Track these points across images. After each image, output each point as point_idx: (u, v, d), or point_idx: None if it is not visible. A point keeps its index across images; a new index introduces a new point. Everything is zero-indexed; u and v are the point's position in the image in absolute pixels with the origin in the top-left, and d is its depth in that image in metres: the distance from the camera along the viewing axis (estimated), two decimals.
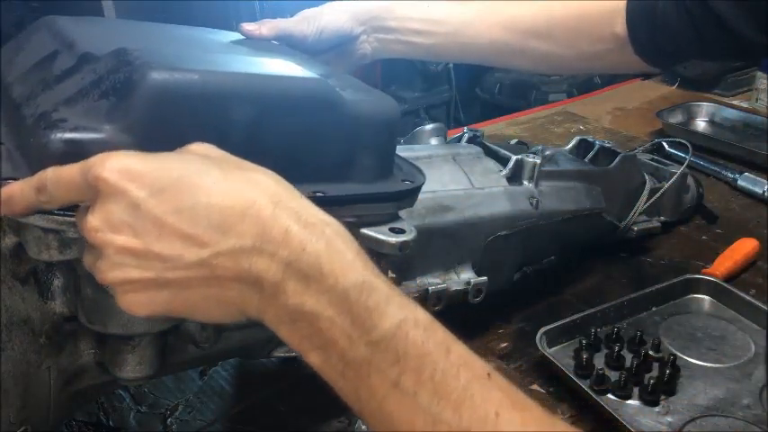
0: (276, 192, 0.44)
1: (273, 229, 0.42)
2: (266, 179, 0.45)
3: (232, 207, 0.42)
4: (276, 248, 0.42)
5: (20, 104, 0.51)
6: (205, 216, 0.42)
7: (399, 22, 0.89)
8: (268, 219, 0.42)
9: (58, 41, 0.58)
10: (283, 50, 0.76)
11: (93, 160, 0.43)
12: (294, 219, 0.43)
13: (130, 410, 0.75)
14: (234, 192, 0.43)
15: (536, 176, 0.87)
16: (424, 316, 0.43)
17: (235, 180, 0.44)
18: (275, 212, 0.42)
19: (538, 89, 2.84)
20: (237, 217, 0.42)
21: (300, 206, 0.44)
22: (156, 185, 0.42)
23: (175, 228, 0.42)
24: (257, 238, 0.42)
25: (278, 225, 0.42)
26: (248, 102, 0.51)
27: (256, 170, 0.45)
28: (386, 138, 0.61)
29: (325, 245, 0.42)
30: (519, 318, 0.91)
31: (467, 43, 0.90)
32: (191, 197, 0.42)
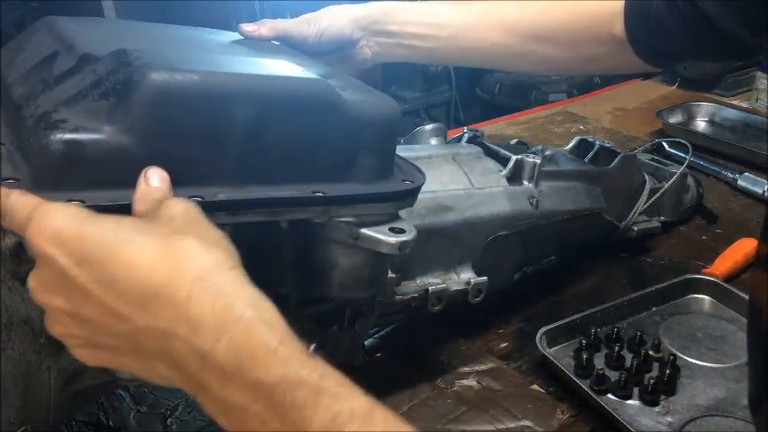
0: (201, 268, 0.41)
1: (187, 314, 0.40)
2: (196, 251, 0.42)
3: (149, 285, 0.41)
4: (190, 336, 0.40)
5: (20, 105, 0.52)
6: (126, 290, 0.41)
7: (400, 26, 0.89)
8: (182, 302, 0.40)
9: (58, 42, 0.58)
10: (284, 50, 0.76)
11: (34, 217, 0.42)
12: (210, 303, 0.40)
13: (130, 410, 0.75)
14: (154, 267, 0.41)
15: (536, 176, 0.87)
16: (360, 404, 0.40)
17: (159, 254, 0.41)
18: (191, 294, 0.40)
19: (538, 89, 2.84)
20: (153, 296, 0.41)
21: (224, 283, 0.41)
22: (80, 254, 0.41)
23: (99, 298, 0.41)
24: (171, 322, 0.40)
25: (191, 310, 0.40)
26: (248, 102, 0.51)
27: (192, 238, 0.43)
28: (386, 138, 0.61)
29: (243, 335, 0.40)
30: (519, 318, 0.91)
31: (468, 47, 0.90)
32: (111, 269, 0.41)
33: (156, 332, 0.41)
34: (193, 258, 0.42)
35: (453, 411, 0.75)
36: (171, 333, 0.40)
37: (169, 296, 0.40)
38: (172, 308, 0.40)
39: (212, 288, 0.41)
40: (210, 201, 0.50)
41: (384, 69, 2.71)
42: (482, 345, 0.86)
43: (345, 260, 0.60)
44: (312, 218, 0.56)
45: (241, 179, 0.52)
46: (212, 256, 0.42)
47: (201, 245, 0.42)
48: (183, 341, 0.40)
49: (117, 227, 0.43)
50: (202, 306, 0.40)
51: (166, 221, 0.44)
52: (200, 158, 0.50)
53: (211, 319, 0.40)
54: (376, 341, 0.85)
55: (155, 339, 0.41)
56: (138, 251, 0.41)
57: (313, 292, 0.64)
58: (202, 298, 0.40)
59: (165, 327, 0.40)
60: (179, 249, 0.42)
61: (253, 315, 0.40)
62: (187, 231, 0.43)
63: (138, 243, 0.42)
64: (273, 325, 0.41)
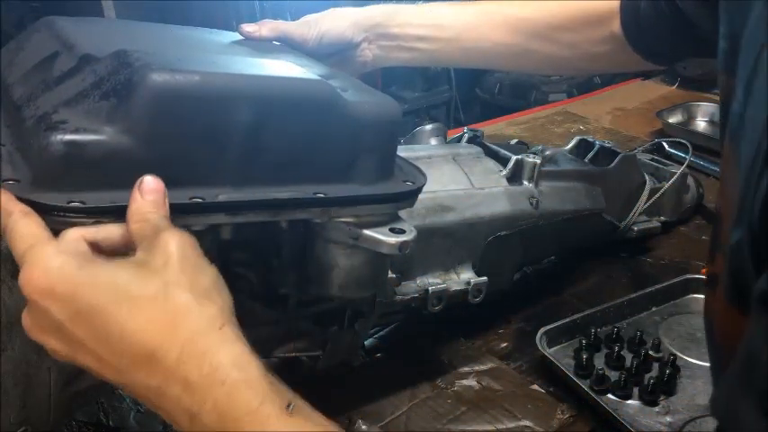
0: (193, 329, 0.43)
1: (175, 377, 0.42)
2: (189, 309, 0.43)
3: (142, 346, 0.42)
4: (179, 396, 0.42)
5: (20, 106, 0.51)
6: (118, 348, 0.42)
7: (401, 29, 0.89)
8: (172, 365, 0.42)
9: (58, 42, 0.58)
10: (285, 51, 0.76)
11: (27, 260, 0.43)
12: (198, 366, 0.42)
13: (130, 410, 0.75)
14: (147, 329, 0.42)
15: (536, 176, 0.87)
16: None
17: (153, 313, 0.43)
18: (181, 358, 0.42)
19: (538, 89, 2.84)
20: (144, 357, 0.42)
21: (213, 344, 0.43)
22: (74, 309, 0.42)
23: (94, 351, 0.43)
24: (162, 382, 0.42)
25: (179, 373, 0.42)
26: (249, 103, 0.51)
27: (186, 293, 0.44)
28: (387, 139, 0.61)
29: (227, 396, 0.41)
30: (519, 318, 0.91)
31: (469, 47, 0.89)
32: (105, 328, 0.42)
33: (148, 388, 0.43)
34: (185, 318, 0.43)
35: (453, 411, 0.75)
36: (162, 391, 0.42)
37: (161, 358, 0.42)
38: (163, 370, 0.42)
39: (201, 350, 0.42)
40: (211, 202, 0.50)
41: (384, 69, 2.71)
42: (482, 345, 0.86)
43: (345, 260, 0.60)
44: (312, 218, 0.56)
45: (242, 180, 0.52)
46: (204, 315, 0.44)
47: (195, 300, 0.44)
48: (173, 400, 0.42)
49: (112, 279, 0.43)
50: (191, 369, 0.42)
51: (161, 267, 0.44)
52: (201, 159, 0.50)
53: (199, 381, 0.42)
54: (376, 341, 0.85)
55: (147, 393, 0.43)
56: (132, 309, 0.42)
57: (313, 292, 0.64)
58: (192, 361, 0.42)
59: (156, 385, 0.42)
60: (172, 307, 0.43)
61: (237, 377, 0.42)
62: (182, 282, 0.44)
63: (132, 300, 0.43)
64: (256, 386, 0.43)
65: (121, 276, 0.43)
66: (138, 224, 0.46)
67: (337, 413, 0.74)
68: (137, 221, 0.46)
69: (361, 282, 0.62)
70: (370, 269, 0.62)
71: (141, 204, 0.46)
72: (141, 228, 0.45)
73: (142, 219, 0.46)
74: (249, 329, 0.63)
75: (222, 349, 0.43)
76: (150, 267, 0.44)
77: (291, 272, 0.62)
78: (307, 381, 0.77)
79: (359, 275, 0.61)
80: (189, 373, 0.42)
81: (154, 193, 0.46)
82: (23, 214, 0.44)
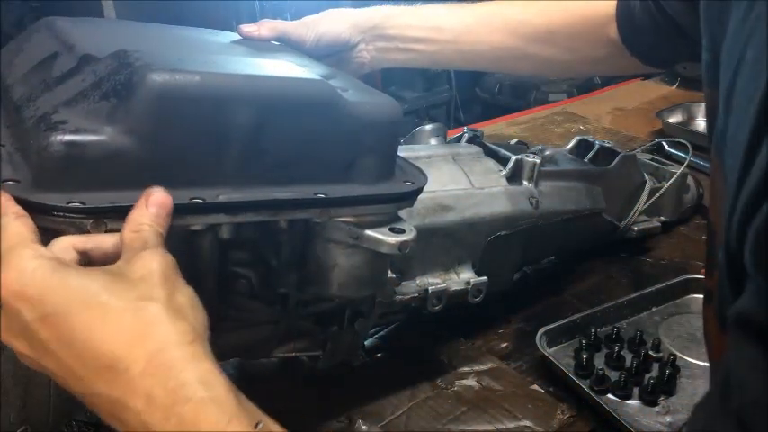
0: (161, 341, 0.41)
1: (138, 390, 0.40)
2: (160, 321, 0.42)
3: (107, 354, 0.41)
4: (142, 410, 0.40)
5: (20, 106, 0.51)
6: (83, 354, 0.41)
7: (399, 30, 0.88)
8: (136, 376, 0.40)
9: (58, 43, 0.58)
10: (285, 51, 0.76)
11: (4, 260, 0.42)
12: (164, 381, 0.40)
13: None
14: (114, 336, 0.41)
15: (536, 176, 0.87)
16: None
17: (122, 321, 0.41)
18: (146, 370, 0.40)
19: (538, 89, 2.85)
20: (108, 366, 0.41)
21: (180, 359, 0.41)
22: (43, 310, 0.41)
23: (58, 355, 0.42)
24: (124, 394, 0.41)
25: (143, 386, 0.40)
26: (249, 103, 0.51)
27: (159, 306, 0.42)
28: (387, 139, 0.61)
29: (193, 414, 0.40)
30: (519, 318, 0.91)
31: (467, 50, 0.89)
32: (72, 331, 0.41)
33: (109, 399, 0.41)
34: (154, 330, 0.42)
35: (453, 411, 0.75)
36: (123, 404, 0.41)
37: (125, 369, 0.40)
38: (126, 381, 0.40)
39: (168, 364, 0.41)
40: (211, 202, 0.50)
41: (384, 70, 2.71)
42: (482, 345, 0.86)
43: (345, 260, 0.60)
44: (312, 218, 0.56)
45: (242, 180, 0.52)
46: (175, 328, 0.42)
47: (167, 314, 0.42)
48: (134, 414, 0.40)
49: (84, 284, 0.42)
50: (155, 383, 0.40)
51: (138, 279, 0.43)
52: (201, 159, 0.50)
53: (163, 396, 0.40)
54: (376, 341, 0.85)
55: (108, 404, 0.42)
56: (101, 316, 0.41)
57: (313, 292, 0.64)
58: (157, 374, 0.40)
59: (118, 396, 0.41)
60: (143, 318, 0.42)
61: (204, 395, 0.40)
62: (156, 296, 0.43)
63: (102, 306, 0.42)
64: (223, 404, 0.41)
65: (94, 283, 0.42)
66: (131, 233, 0.45)
67: (337, 413, 0.74)
68: (131, 229, 0.45)
69: (361, 281, 0.62)
70: (370, 269, 0.62)
71: (142, 214, 0.46)
72: (132, 237, 0.45)
73: (137, 228, 0.45)
74: (249, 329, 0.64)
75: (190, 365, 0.41)
76: (126, 278, 0.43)
77: (291, 271, 0.62)
78: (307, 381, 0.78)
79: (359, 275, 0.61)
80: (153, 387, 0.40)
81: (158, 206, 0.46)
82: (16, 216, 0.44)
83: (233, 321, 0.61)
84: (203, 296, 0.56)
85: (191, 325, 0.43)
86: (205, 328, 0.44)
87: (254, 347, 0.68)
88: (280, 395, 0.77)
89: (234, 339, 0.63)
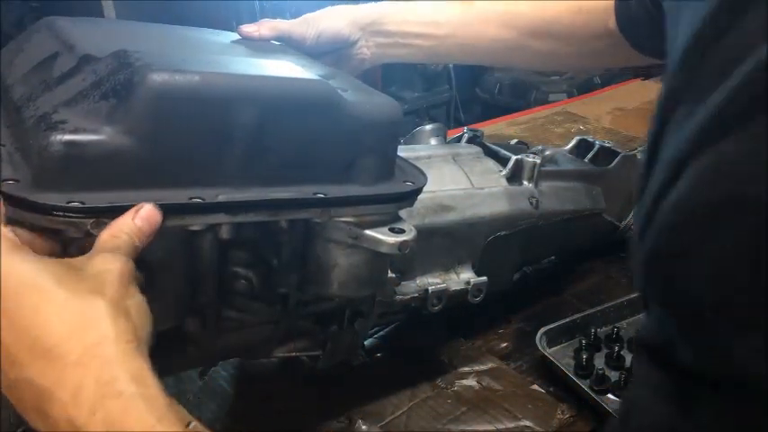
0: (100, 335, 0.41)
1: (68, 380, 0.39)
2: (102, 316, 0.41)
3: (44, 338, 0.40)
4: (68, 403, 0.39)
5: (20, 106, 0.52)
6: (21, 336, 0.40)
7: (398, 26, 0.89)
8: (68, 365, 0.40)
9: (58, 43, 0.58)
10: (285, 51, 0.76)
11: None
12: (95, 374, 0.39)
13: None
14: (54, 322, 0.41)
15: (536, 176, 0.87)
16: None
17: (65, 309, 0.41)
18: (80, 360, 0.40)
19: (538, 89, 2.85)
20: (44, 350, 0.40)
21: (115, 355, 0.40)
22: None
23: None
24: (53, 383, 0.40)
25: (74, 377, 0.39)
26: (249, 103, 0.51)
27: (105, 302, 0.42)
28: (387, 139, 0.61)
29: (121, 410, 0.39)
30: (519, 318, 0.91)
31: (467, 44, 0.89)
32: (15, 310, 0.41)
33: (37, 388, 0.40)
34: (96, 323, 0.41)
35: (453, 411, 0.75)
36: (50, 395, 0.40)
37: (58, 356, 0.40)
38: (58, 369, 0.40)
39: (102, 358, 0.40)
40: (211, 202, 0.50)
41: (384, 70, 2.71)
42: (482, 345, 0.86)
43: (345, 260, 0.60)
44: (312, 218, 0.56)
45: (242, 180, 0.52)
46: (115, 325, 0.41)
47: (110, 310, 0.42)
48: (60, 406, 0.39)
49: (37, 268, 0.42)
50: (87, 375, 0.40)
51: (91, 275, 0.43)
52: (201, 159, 0.50)
53: (92, 389, 0.39)
54: (376, 341, 0.85)
55: (35, 394, 0.40)
56: (46, 300, 0.41)
57: (313, 292, 0.64)
58: (89, 366, 0.40)
59: (46, 387, 0.40)
60: (86, 310, 0.41)
61: (134, 391, 0.40)
62: (105, 292, 0.42)
63: (49, 291, 0.41)
64: (154, 402, 0.40)
65: (47, 269, 0.42)
66: (108, 236, 0.46)
67: (337, 413, 0.74)
68: (110, 233, 0.46)
69: (360, 281, 0.62)
70: (370, 269, 0.62)
71: (125, 223, 0.46)
72: (107, 240, 0.45)
73: (115, 234, 0.46)
74: (249, 329, 0.64)
75: (125, 362, 0.40)
76: (81, 272, 0.43)
77: (291, 271, 0.62)
78: (307, 381, 0.78)
79: (359, 275, 0.61)
80: (84, 378, 0.39)
81: (144, 221, 0.47)
82: None
83: (233, 321, 0.61)
84: (203, 296, 0.57)
85: (133, 327, 0.43)
86: (149, 336, 0.44)
87: (254, 347, 0.68)
88: (280, 395, 0.77)
89: (234, 339, 0.63)
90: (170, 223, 0.49)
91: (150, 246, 0.48)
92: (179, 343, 0.59)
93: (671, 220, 0.37)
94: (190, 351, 0.60)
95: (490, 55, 0.93)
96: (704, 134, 0.36)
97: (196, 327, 0.58)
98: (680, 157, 0.37)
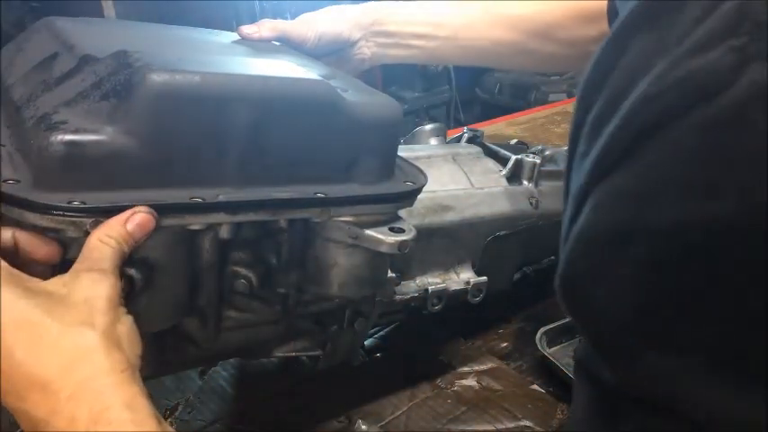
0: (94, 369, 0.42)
1: (63, 412, 0.41)
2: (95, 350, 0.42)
3: (36, 377, 0.41)
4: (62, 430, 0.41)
5: (20, 106, 0.52)
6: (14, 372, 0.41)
7: (399, 26, 0.88)
8: (63, 400, 0.41)
9: (58, 43, 0.58)
10: (285, 51, 0.76)
11: None
12: (89, 406, 0.41)
13: None
14: (48, 358, 0.41)
15: (536, 176, 0.87)
16: None
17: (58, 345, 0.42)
18: (74, 395, 0.41)
19: (538, 89, 2.85)
20: (37, 387, 0.41)
21: (108, 385, 0.42)
22: None
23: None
24: (48, 415, 0.41)
25: (68, 409, 0.41)
26: (249, 103, 0.51)
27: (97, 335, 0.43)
28: (387, 139, 0.61)
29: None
30: (519, 318, 0.91)
31: (468, 45, 0.89)
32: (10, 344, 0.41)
33: (33, 418, 0.41)
34: (89, 357, 0.42)
35: (453, 411, 0.75)
36: (45, 424, 0.41)
37: (52, 392, 0.41)
38: (53, 402, 0.41)
39: (96, 390, 0.41)
40: (211, 202, 0.50)
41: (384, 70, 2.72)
42: (482, 345, 0.86)
43: (345, 260, 0.60)
44: (312, 218, 0.56)
45: (242, 180, 0.52)
46: (109, 358, 0.42)
47: (102, 342, 0.43)
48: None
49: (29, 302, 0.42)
50: (80, 407, 0.41)
51: (81, 302, 0.43)
52: (201, 159, 0.50)
53: (86, 419, 0.41)
54: (376, 341, 0.85)
55: (31, 422, 0.42)
56: (38, 335, 0.42)
57: (313, 292, 0.64)
58: (83, 399, 0.41)
59: (41, 417, 0.41)
60: (79, 345, 0.42)
61: (126, 417, 0.41)
62: (97, 324, 0.43)
63: (41, 326, 0.42)
64: (145, 427, 0.41)
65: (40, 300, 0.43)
66: (97, 241, 0.46)
67: (337, 413, 0.74)
68: (98, 237, 0.46)
69: (360, 281, 0.62)
70: (370, 268, 0.62)
71: (114, 227, 0.46)
72: (96, 245, 0.46)
73: (103, 240, 0.46)
74: (249, 329, 0.64)
75: (118, 391, 0.42)
76: (69, 300, 0.43)
77: (291, 271, 0.62)
78: (307, 381, 0.78)
79: (359, 275, 0.61)
80: (77, 410, 0.40)
81: (136, 226, 0.47)
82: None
83: (233, 321, 0.61)
84: (203, 296, 0.57)
85: (125, 356, 0.43)
86: (138, 359, 0.45)
87: (254, 347, 0.68)
88: (280, 395, 0.77)
89: (234, 339, 0.63)
90: (170, 223, 0.49)
91: (150, 245, 0.48)
92: (179, 343, 0.59)
93: (576, 248, 0.40)
94: (190, 351, 0.60)
95: (491, 57, 0.93)
96: (598, 166, 0.37)
97: (196, 327, 0.58)
98: (583, 188, 0.39)
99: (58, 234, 0.48)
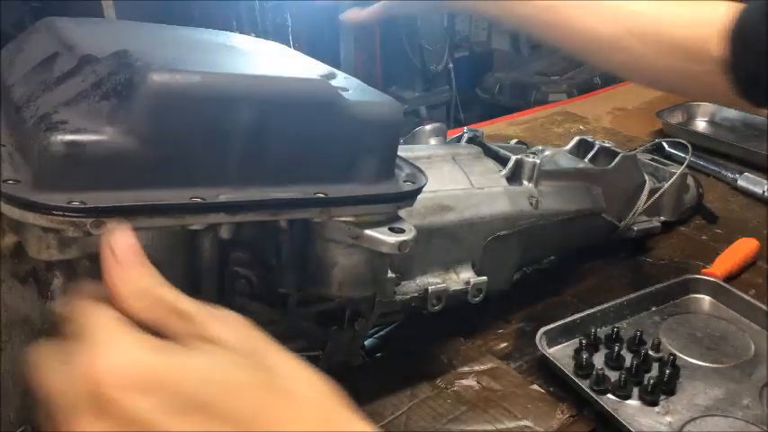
0: (320, 411, 0.40)
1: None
2: (309, 392, 0.40)
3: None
4: None
5: (20, 106, 0.52)
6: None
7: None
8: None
9: (58, 43, 0.58)
10: (285, 51, 0.76)
11: (85, 351, 0.35)
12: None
13: None
14: (303, 419, 0.38)
15: (536, 176, 0.87)
16: None
17: (276, 401, 0.38)
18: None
19: (538, 89, 2.85)
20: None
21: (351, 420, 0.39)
22: (182, 399, 0.34)
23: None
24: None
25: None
26: (250, 103, 0.51)
27: (302, 385, 0.41)
28: (388, 139, 0.61)
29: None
30: (519, 318, 0.91)
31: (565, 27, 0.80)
32: (236, 417, 0.35)
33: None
34: (305, 402, 0.40)
35: (453, 411, 0.75)
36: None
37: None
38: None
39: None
40: (211, 202, 0.50)
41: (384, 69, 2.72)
42: (482, 345, 0.86)
43: (345, 259, 0.60)
44: (312, 218, 0.56)
45: (242, 180, 0.52)
46: (322, 398, 0.41)
47: (313, 388, 0.41)
48: None
49: (206, 360, 0.37)
50: None
51: (250, 350, 0.39)
52: (201, 159, 0.50)
53: None
54: (376, 341, 0.85)
55: None
56: (253, 401, 0.36)
57: (313, 292, 0.64)
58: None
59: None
60: (295, 393, 0.40)
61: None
62: (284, 371, 0.40)
63: (249, 382, 0.37)
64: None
65: (225, 358, 0.37)
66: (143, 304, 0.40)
67: None
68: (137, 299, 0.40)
69: (360, 281, 0.62)
70: (370, 268, 0.62)
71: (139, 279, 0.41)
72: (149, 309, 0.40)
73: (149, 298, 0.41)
74: None
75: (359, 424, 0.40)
76: (243, 352, 0.38)
77: (291, 271, 0.62)
78: None
79: (359, 275, 0.61)
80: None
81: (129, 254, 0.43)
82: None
83: None
84: (203, 296, 0.57)
85: (321, 379, 0.42)
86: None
87: None
88: None
89: None
90: (170, 223, 0.49)
91: (150, 245, 0.48)
92: None
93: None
94: None
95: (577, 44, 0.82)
96: None
97: None
98: None
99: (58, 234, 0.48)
